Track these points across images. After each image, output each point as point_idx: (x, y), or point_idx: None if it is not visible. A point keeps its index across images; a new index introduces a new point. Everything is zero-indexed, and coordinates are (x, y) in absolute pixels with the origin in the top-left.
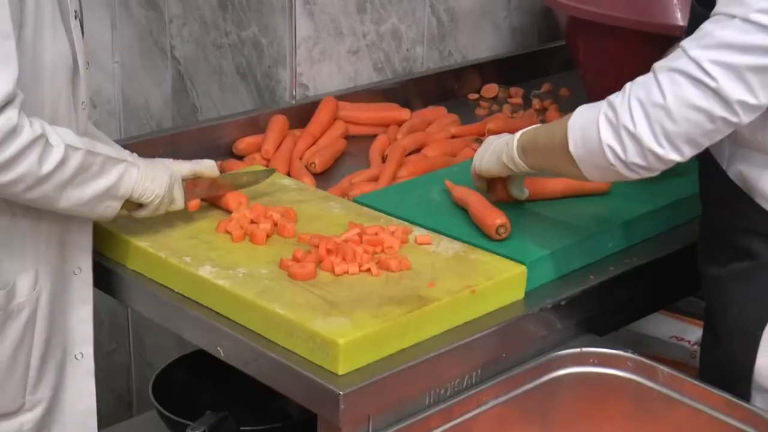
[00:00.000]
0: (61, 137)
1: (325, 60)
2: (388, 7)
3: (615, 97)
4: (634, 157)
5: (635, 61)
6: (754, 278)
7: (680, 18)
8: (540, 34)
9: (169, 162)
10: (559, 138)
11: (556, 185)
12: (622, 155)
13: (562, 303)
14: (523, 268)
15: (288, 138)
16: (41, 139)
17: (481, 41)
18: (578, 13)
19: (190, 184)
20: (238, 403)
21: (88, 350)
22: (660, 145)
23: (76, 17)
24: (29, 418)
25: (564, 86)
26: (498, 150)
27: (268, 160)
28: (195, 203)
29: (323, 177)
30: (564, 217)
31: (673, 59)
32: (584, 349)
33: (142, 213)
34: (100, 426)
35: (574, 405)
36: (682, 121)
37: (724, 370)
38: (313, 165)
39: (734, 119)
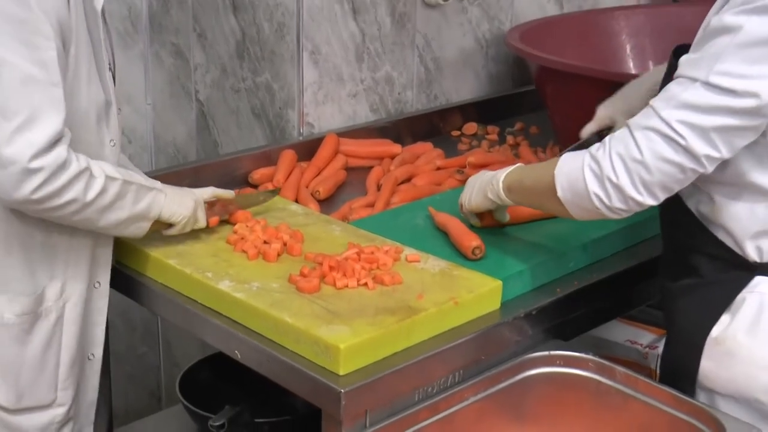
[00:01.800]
0: (102, 169)
1: (328, 102)
2: (382, 57)
3: (597, 150)
4: (617, 203)
5: (595, 104)
6: (700, 293)
7: (632, 67)
8: (513, 80)
9: (195, 190)
10: (546, 182)
11: (532, 211)
12: (607, 201)
13: (533, 312)
14: (499, 283)
15: (296, 169)
16: (86, 171)
17: (463, 86)
18: (546, 63)
19: (210, 205)
20: (252, 398)
21: (99, 352)
22: (639, 193)
23: (109, 69)
24: (60, 412)
25: (534, 125)
26: (483, 189)
27: (279, 188)
28: (214, 220)
29: (326, 203)
30: (535, 239)
31: (647, 118)
32: (552, 352)
33: (172, 231)
34: (133, 417)
35: (543, 400)
36: (658, 172)
37: (674, 370)
38: (317, 193)
39: (701, 169)
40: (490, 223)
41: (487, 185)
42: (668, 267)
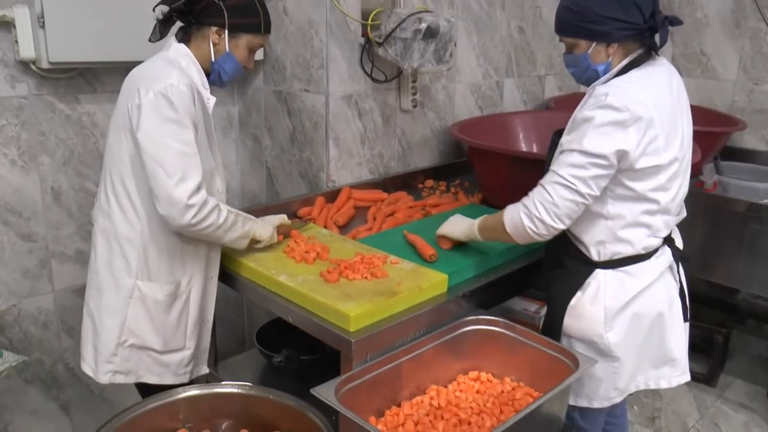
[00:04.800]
0: (225, 206)
1: (344, 168)
2: (377, 142)
3: (527, 201)
4: (542, 230)
5: (504, 171)
6: (565, 279)
7: (524, 147)
8: (454, 153)
9: (269, 218)
10: (500, 223)
11: None
12: (535, 230)
13: (467, 293)
14: (446, 276)
15: (325, 208)
16: (217, 206)
17: (424, 158)
18: (473, 144)
19: (278, 228)
20: (299, 345)
21: (210, 318)
22: (554, 221)
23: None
24: (187, 353)
25: (467, 181)
26: (465, 231)
27: (314, 219)
28: (280, 238)
29: (343, 228)
30: (469, 250)
31: (551, 176)
32: (478, 317)
33: (259, 246)
34: (226, 356)
35: (473, 346)
36: (563, 207)
37: (551, 327)
38: (337, 221)
39: (587, 202)
40: (450, 246)
41: (469, 230)
42: (548, 262)
